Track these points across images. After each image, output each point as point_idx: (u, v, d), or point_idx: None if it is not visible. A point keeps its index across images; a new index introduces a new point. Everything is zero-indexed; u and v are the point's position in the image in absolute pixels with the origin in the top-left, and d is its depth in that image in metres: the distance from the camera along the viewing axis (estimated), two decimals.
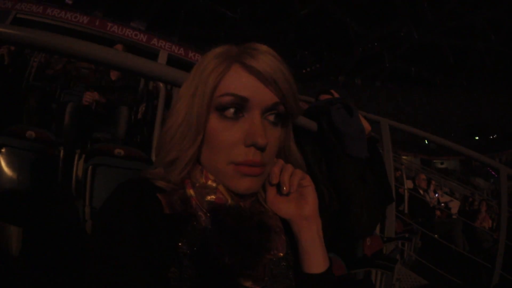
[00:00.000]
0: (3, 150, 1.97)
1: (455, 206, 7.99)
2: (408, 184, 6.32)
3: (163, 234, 0.52)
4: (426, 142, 17.17)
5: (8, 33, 0.97)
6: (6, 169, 1.97)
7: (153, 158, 1.96)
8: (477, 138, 21.81)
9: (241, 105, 0.56)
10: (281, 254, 0.61)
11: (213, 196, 0.57)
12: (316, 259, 0.61)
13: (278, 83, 0.56)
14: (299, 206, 0.62)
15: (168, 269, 0.50)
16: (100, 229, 0.51)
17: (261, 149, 0.56)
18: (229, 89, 0.56)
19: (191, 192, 0.58)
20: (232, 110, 0.56)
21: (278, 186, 0.62)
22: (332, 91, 2.26)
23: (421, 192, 5.67)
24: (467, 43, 17.87)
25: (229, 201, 0.58)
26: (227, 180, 0.57)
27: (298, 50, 18.48)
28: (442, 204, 7.35)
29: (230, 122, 0.56)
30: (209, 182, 0.58)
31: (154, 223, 0.52)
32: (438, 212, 5.96)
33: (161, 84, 2.66)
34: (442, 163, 23.72)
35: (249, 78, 0.56)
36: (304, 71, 19.08)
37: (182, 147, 0.57)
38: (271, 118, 0.59)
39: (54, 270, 1.53)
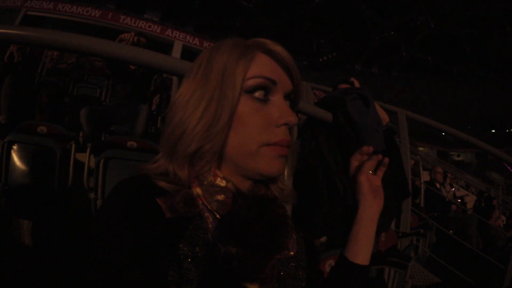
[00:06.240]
0: (15, 146, 2.00)
1: (470, 201, 7.87)
2: (425, 175, 6.23)
3: (162, 236, 0.50)
4: (443, 134, 16.98)
5: (14, 34, 0.97)
6: (18, 164, 2.00)
7: None
8: (493, 131, 21.45)
9: (270, 88, 0.58)
10: (292, 253, 0.59)
11: (222, 196, 0.55)
12: (369, 254, 0.70)
13: (295, 71, 0.61)
14: (375, 197, 0.73)
15: (166, 272, 0.48)
16: (95, 234, 0.49)
17: (291, 128, 0.59)
18: (260, 72, 0.57)
19: (197, 191, 0.55)
20: (262, 92, 0.57)
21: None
22: (353, 79, 2.19)
23: (437, 185, 5.58)
24: (483, 34, 17.48)
25: (239, 200, 0.56)
26: (260, 162, 0.56)
27: (314, 38, 18.28)
28: (459, 200, 7.23)
29: (260, 105, 0.57)
30: (218, 181, 0.56)
31: (152, 227, 0.50)
32: (454, 207, 5.87)
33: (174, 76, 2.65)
34: (458, 156, 23.48)
35: (275, 63, 0.59)
36: (320, 60, 18.87)
37: (209, 134, 0.55)
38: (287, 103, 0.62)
39: (66, 264, 1.54)
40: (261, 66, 0.58)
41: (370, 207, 0.72)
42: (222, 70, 0.56)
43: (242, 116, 0.56)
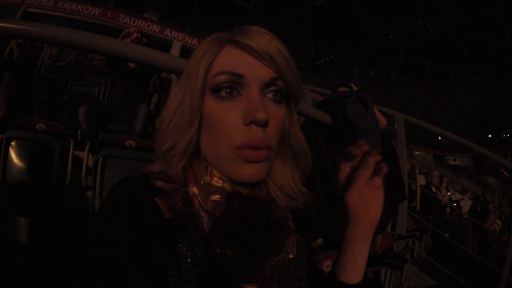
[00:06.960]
0: (13, 143, 1.99)
1: (466, 205, 7.90)
2: (421, 179, 6.25)
3: (161, 236, 0.50)
4: (440, 138, 17.05)
5: (16, 28, 0.97)
6: (16, 161, 1.99)
7: None
8: (490, 136, 21.55)
9: (236, 82, 0.53)
10: (291, 256, 0.58)
11: (218, 196, 0.54)
12: (359, 271, 0.59)
13: (273, 58, 0.53)
14: (367, 207, 0.57)
15: (165, 273, 0.48)
16: (95, 235, 0.49)
17: (262, 125, 0.52)
18: (222, 67, 0.53)
19: (194, 190, 0.55)
20: (227, 89, 0.53)
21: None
22: (352, 84, 2.21)
23: (433, 189, 5.61)
24: (482, 38, 17.56)
25: (235, 201, 0.54)
26: (230, 167, 0.53)
27: (312, 41, 18.28)
28: (454, 204, 7.26)
29: (227, 103, 0.53)
30: (214, 181, 0.55)
31: (151, 227, 0.49)
32: (448, 209, 5.89)
33: (173, 74, 2.65)
34: (454, 160, 23.57)
35: (242, 54, 0.54)
36: (318, 62, 18.87)
37: (178, 133, 0.55)
38: (271, 95, 0.55)
39: (63, 262, 1.54)
40: (224, 61, 0.54)
41: (360, 225, 0.58)
42: (188, 70, 0.56)
43: (209, 117, 0.54)
